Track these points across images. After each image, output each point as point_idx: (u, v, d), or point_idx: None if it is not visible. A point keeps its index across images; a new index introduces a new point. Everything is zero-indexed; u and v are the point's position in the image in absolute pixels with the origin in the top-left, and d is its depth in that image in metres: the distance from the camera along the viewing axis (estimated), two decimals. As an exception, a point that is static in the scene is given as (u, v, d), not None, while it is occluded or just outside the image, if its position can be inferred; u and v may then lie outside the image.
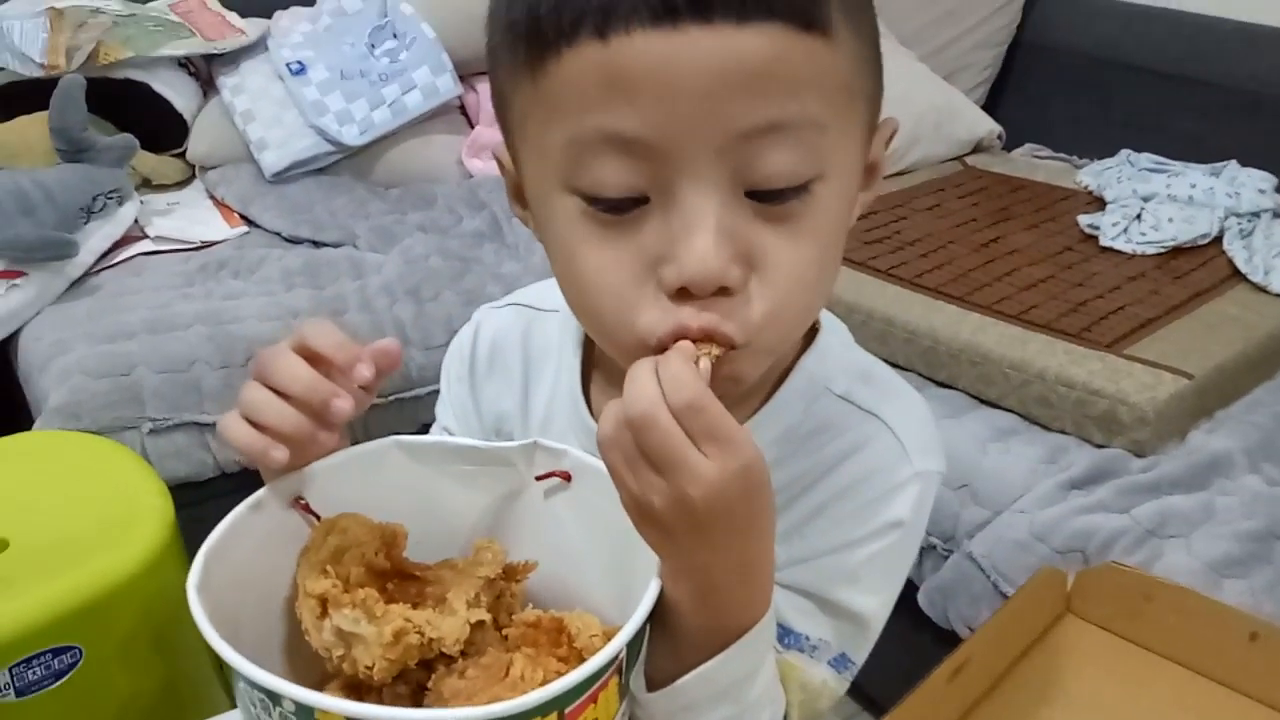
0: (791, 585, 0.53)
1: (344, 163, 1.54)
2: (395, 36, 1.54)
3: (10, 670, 0.80)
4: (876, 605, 0.54)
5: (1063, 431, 1.04)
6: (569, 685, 0.41)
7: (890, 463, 0.53)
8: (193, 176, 1.59)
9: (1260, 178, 1.38)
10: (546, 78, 0.43)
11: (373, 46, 1.54)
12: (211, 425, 1.18)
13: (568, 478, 0.55)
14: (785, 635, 0.53)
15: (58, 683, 0.82)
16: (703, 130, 0.41)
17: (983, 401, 1.09)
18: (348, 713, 0.39)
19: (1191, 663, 0.70)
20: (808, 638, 0.54)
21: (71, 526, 0.90)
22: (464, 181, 1.58)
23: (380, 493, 0.55)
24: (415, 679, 0.50)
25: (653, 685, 0.46)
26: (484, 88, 1.64)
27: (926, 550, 1.02)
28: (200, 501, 0.93)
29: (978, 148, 1.71)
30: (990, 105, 1.87)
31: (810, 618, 0.54)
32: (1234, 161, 1.44)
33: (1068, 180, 1.54)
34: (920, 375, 1.14)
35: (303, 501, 0.53)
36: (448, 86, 1.55)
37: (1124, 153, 1.55)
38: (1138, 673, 0.70)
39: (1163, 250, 1.28)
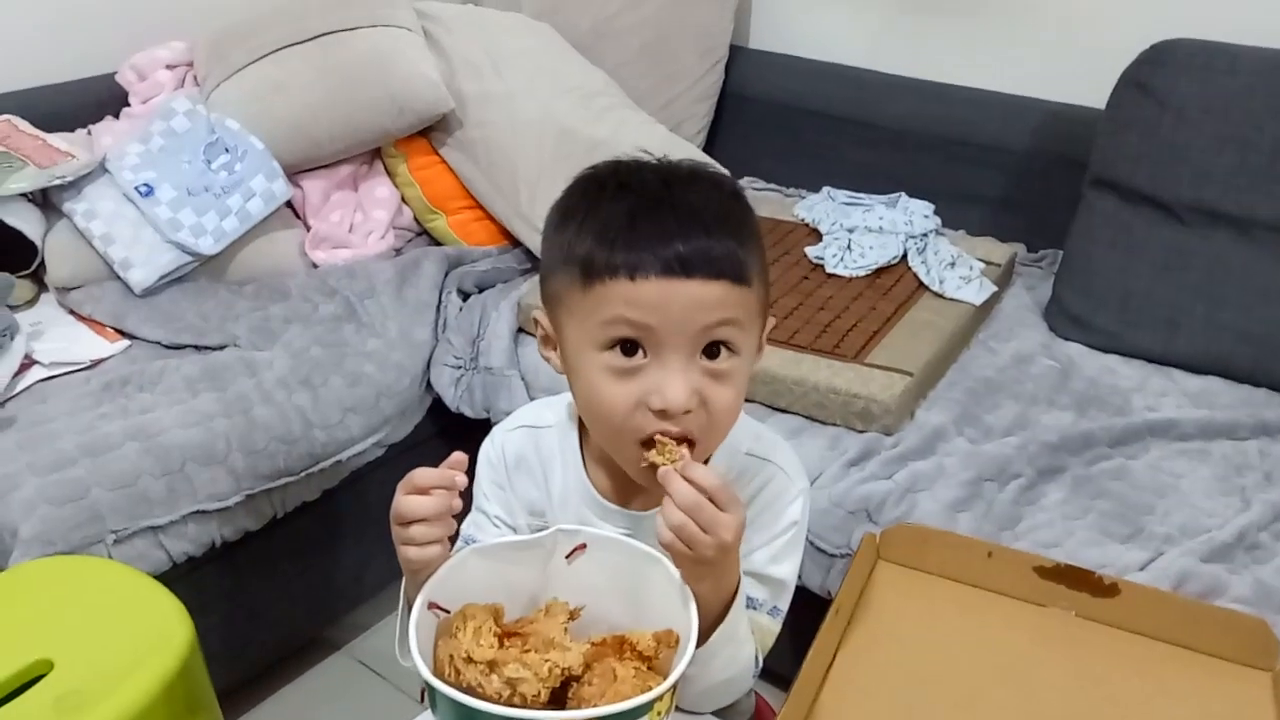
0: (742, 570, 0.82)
1: (199, 268, 1.63)
2: (227, 151, 1.64)
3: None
4: (789, 571, 0.87)
5: (835, 425, 1.36)
6: (674, 680, 0.68)
7: (785, 488, 0.86)
8: (37, 295, 1.63)
9: (923, 206, 1.79)
10: (593, 290, 0.73)
11: (209, 162, 1.63)
12: (163, 526, 1.30)
13: (584, 547, 0.81)
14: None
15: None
16: (683, 326, 0.72)
17: (775, 409, 1.41)
18: (575, 717, 0.64)
19: (954, 577, 1.05)
20: (755, 599, 0.84)
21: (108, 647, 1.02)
22: (311, 271, 1.72)
23: (472, 583, 0.79)
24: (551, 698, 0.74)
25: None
26: (308, 184, 1.78)
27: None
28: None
29: (714, 190, 2.02)
30: (709, 149, 2.20)
31: (754, 587, 0.84)
32: (903, 194, 1.84)
33: (787, 214, 1.89)
34: (727, 394, 1.45)
35: (434, 605, 0.76)
36: (282, 190, 1.67)
37: (826, 189, 1.93)
38: (923, 588, 1.04)
39: (870, 272, 1.66)
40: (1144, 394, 1.47)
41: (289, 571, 1.52)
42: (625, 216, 0.73)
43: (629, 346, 0.74)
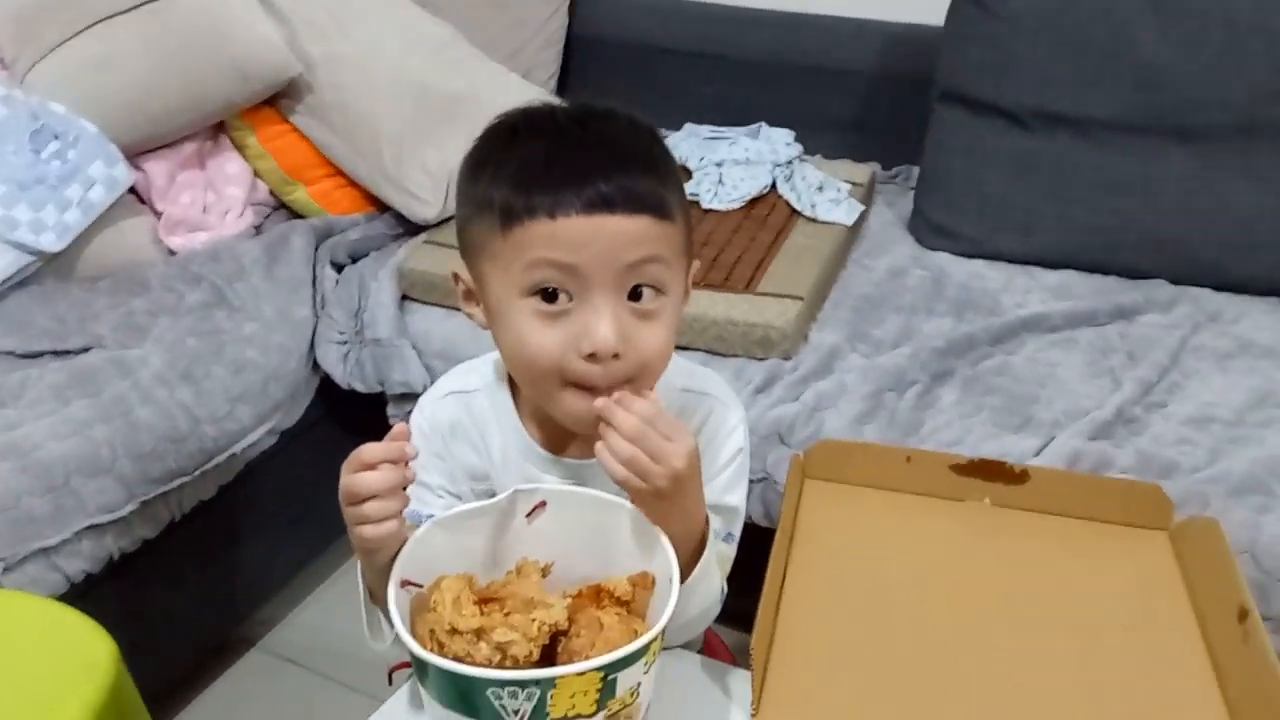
0: None
1: (45, 268, 1.51)
2: (56, 137, 1.51)
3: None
4: (740, 498, 0.89)
5: (736, 356, 1.39)
6: (667, 617, 0.69)
7: (726, 418, 0.88)
8: None
9: (784, 134, 1.82)
10: (513, 234, 0.71)
11: (37, 151, 1.50)
12: (55, 546, 1.22)
13: (544, 504, 0.81)
14: None
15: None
16: (608, 264, 0.71)
17: (678, 348, 1.42)
18: (579, 669, 0.65)
19: (878, 485, 1.10)
20: (712, 528, 0.86)
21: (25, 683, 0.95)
22: (170, 259, 1.61)
23: (439, 555, 0.78)
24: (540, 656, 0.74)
25: None
26: (150, 166, 1.66)
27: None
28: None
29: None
30: (561, 95, 2.18)
31: (710, 517, 0.86)
32: (763, 123, 1.87)
33: (653, 153, 1.90)
34: (625, 338, 1.46)
35: (406, 581, 0.75)
36: (124, 175, 1.56)
37: (688, 126, 1.94)
38: (849, 497, 1.09)
39: (744, 204, 1.69)
40: (1011, 293, 1.56)
41: (194, 575, 1.45)
42: (541, 157, 0.71)
43: (550, 294, 0.72)
